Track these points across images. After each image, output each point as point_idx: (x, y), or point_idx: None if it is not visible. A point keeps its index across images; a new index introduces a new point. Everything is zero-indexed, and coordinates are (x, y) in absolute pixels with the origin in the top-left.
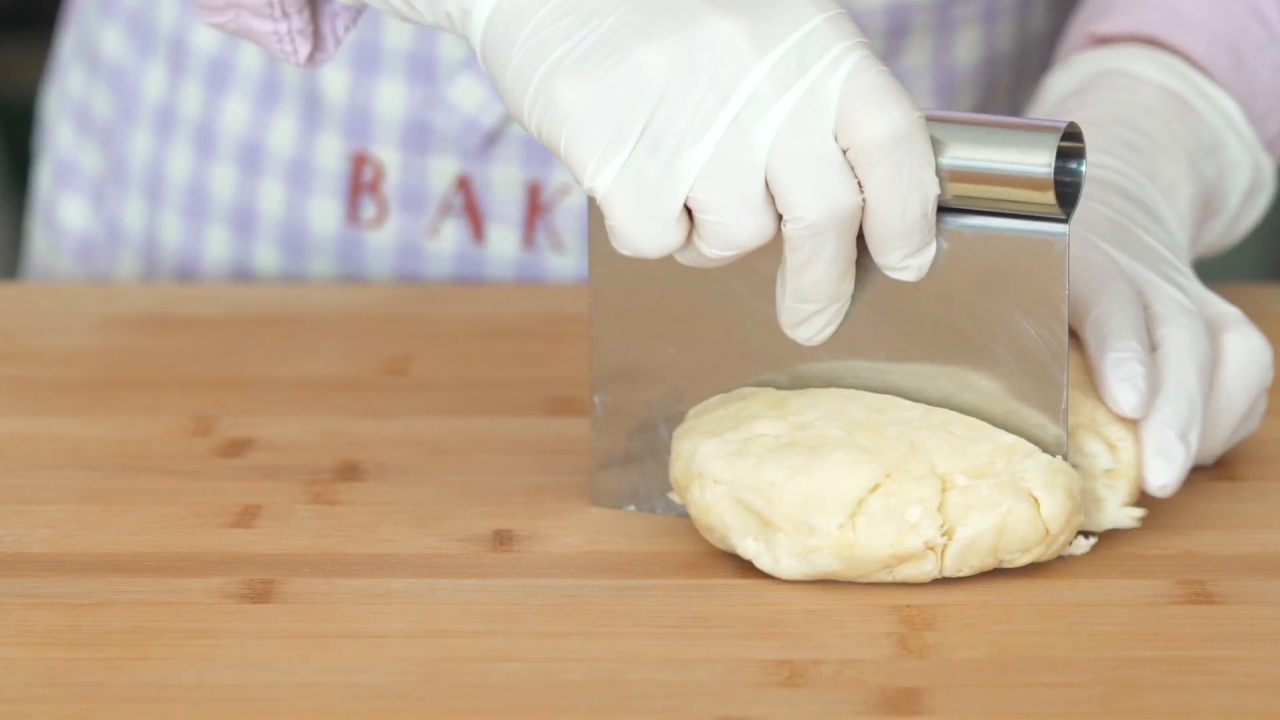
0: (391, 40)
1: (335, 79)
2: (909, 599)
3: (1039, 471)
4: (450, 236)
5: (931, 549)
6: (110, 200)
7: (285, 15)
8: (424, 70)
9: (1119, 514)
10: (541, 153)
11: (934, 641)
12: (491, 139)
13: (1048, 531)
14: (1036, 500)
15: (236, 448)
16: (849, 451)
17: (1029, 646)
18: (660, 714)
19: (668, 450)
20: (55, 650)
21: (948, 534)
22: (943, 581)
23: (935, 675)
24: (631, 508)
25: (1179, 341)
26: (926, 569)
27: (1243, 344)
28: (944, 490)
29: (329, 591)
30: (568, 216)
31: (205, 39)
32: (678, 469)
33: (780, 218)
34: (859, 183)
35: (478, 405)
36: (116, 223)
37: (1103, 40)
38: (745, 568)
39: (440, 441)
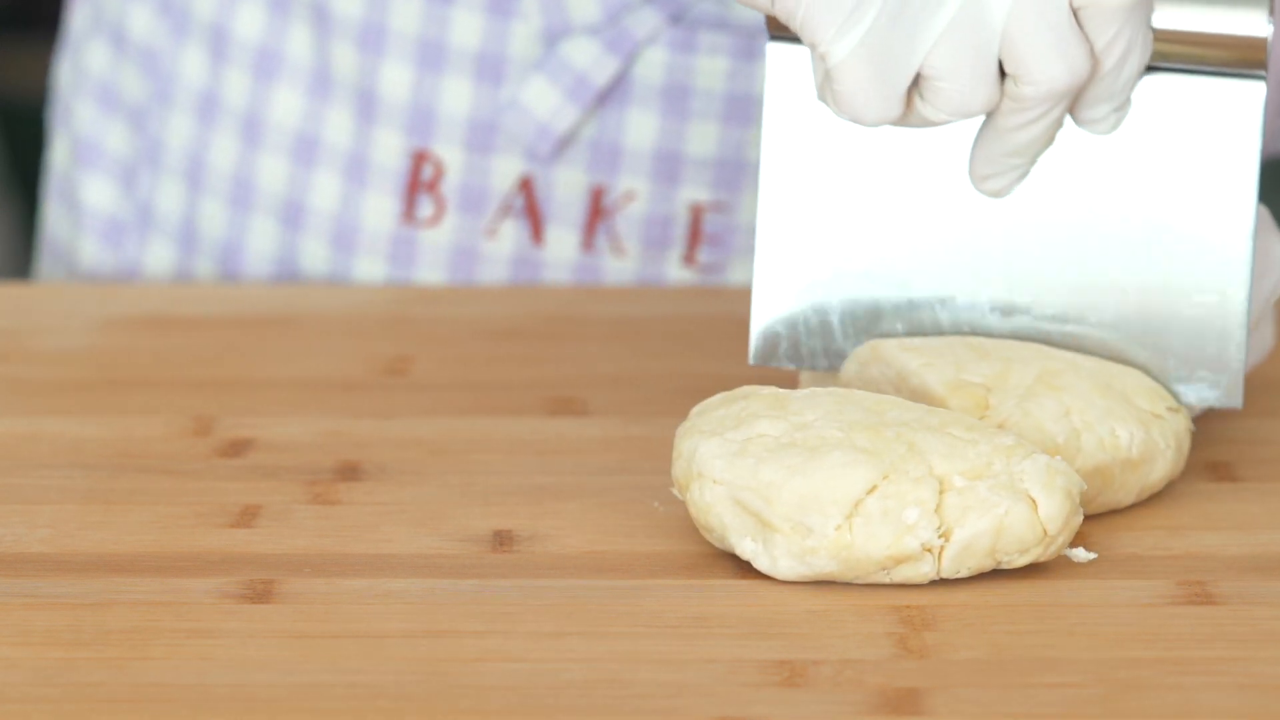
0: (459, 39)
1: (397, 75)
2: (909, 599)
3: (1037, 472)
4: (509, 237)
5: (929, 550)
6: (143, 183)
7: None
8: (492, 70)
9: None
10: (608, 157)
11: (934, 641)
12: (563, 144)
13: (1046, 532)
14: (1034, 501)
15: (236, 448)
16: (847, 452)
17: (1029, 646)
18: (660, 714)
19: (835, 315)
20: (55, 650)
21: (945, 535)
22: (943, 582)
23: (935, 675)
24: (791, 366)
25: None
26: (924, 570)
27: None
28: (941, 492)
29: (329, 591)
30: (630, 222)
31: (248, 27)
32: (679, 468)
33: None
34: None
35: (478, 405)
36: (150, 207)
37: None
38: (745, 568)
39: (440, 441)
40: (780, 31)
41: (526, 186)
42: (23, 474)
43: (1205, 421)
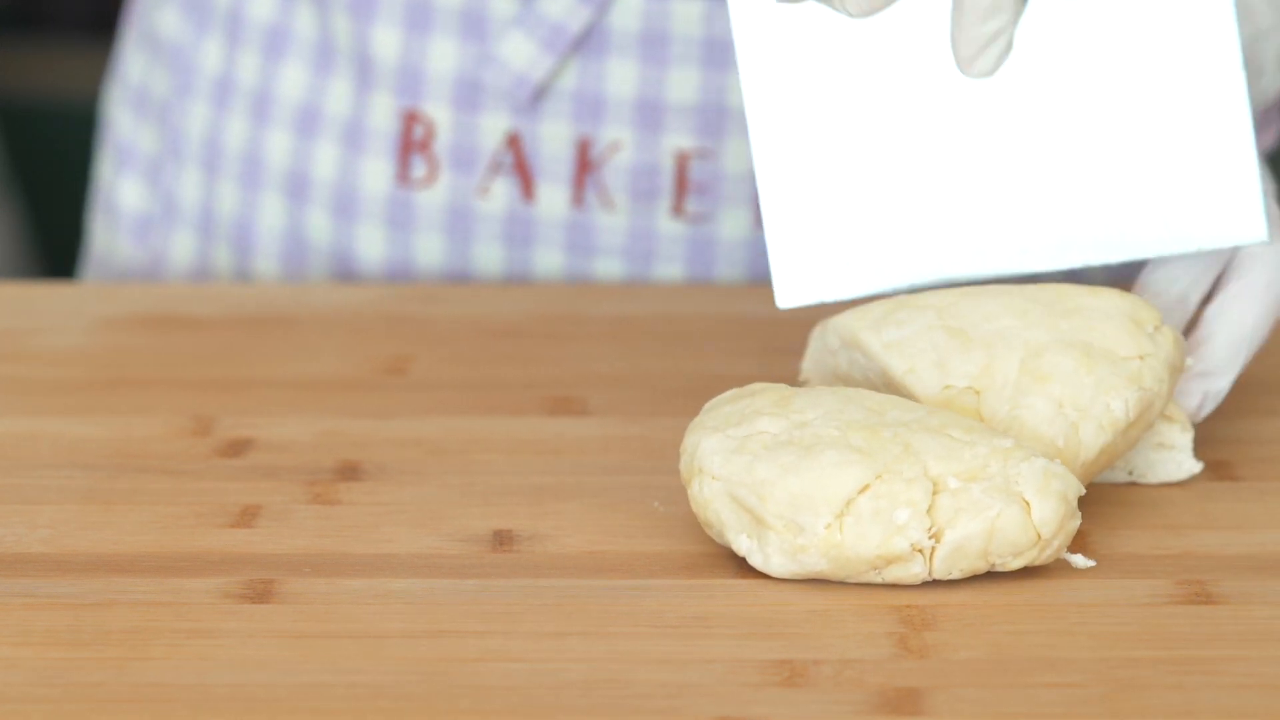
0: None
1: (387, 37)
2: (909, 599)
3: (1033, 475)
4: (500, 195)
5: (919, 551)
6: (167, 176)
7: None
8: (475, 27)
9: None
10: (591, 108)
11: (934, 641)
12: (540, 93)
13: (1039, 536)
14: (1028, 504)
15: (236, 448)
16: (841, 451)
17: (1029, 646)
18: (660, 714)
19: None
20: (55, 650)
21: (936, 536)
22: (943, 582)
23: (935, 675)
24: (817, 301)
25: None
26: (914, 571)
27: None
28: (934, 493)
29: (329, 591)
30: (617, 174)
31: (260, 9)
32: (683, 462)
33: None
34: None
35: (478, 405)
36: (173, 198)
37: None
38: (745, 568)
39: (440, 441)
40: None
41: (514, 143)
42: (23, 474)
43: (1205, 421)
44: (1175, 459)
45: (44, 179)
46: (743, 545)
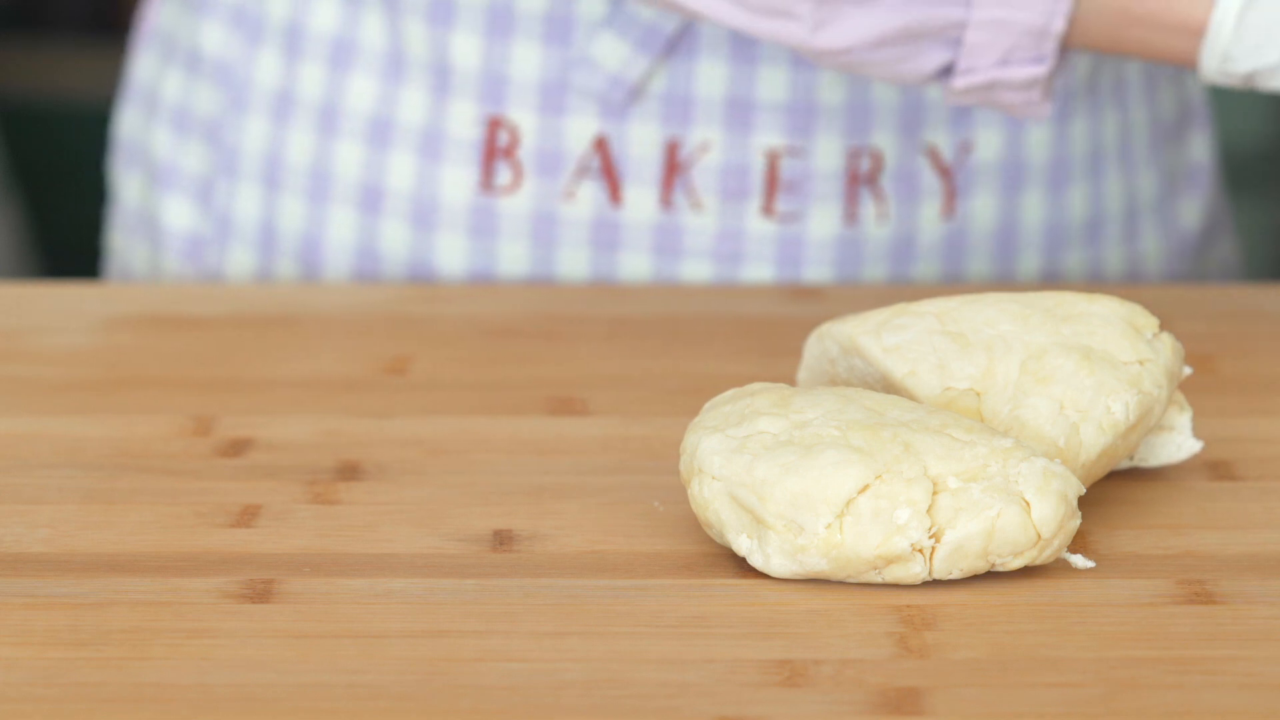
0: (526, 3)
1: (467, 45)
2: (909, 599)
3: (1033, 475)
4: (587, 199)
5: (919, 551)
6: (220, 194)
7: (1036, 84)
8: (560, 30)
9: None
10: (680, 110)
11: (934, 641)
12: (635, 94)
13: (1039, 536)
14: (1028, 504)
15: (236, 448)
16: (841, 451)
17: (1029, 646)
18: (660, 714)
19: None
20: (55, 650)
21: (936, 536)
22: (943, 581)
23: (935, 675)
24: None
25: None
26: (915, 571)
27: None
28: (934, 493)
29: (329, 591)
30: (707, 174)
31: (324, 20)
32: (683, 462)
33: None
34: None
35: (478, 405)
36: (228, 216)
37: None
38: (745, 568)
39: (440, 441)
40: None
41: (601, 146)
42: (23, 474)
43: (1206, 421)
44: (1175, 440)
45: (44, 179)
46: (743, 545)
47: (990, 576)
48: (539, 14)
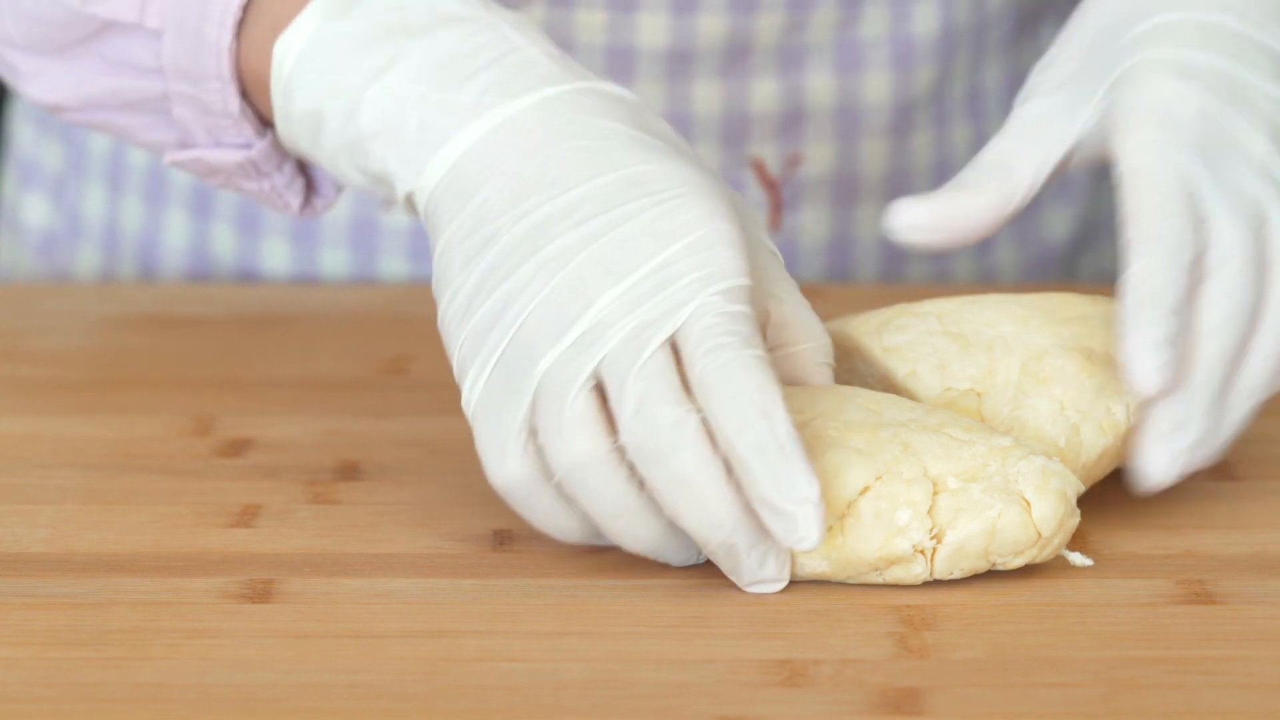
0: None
1: None
2: (909, 599)
3: (1032, 474)
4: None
5: (920, 552)
6: (71, 192)
7: (263, 174)
8: None
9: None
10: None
11: (934, 641)
12: None
13: (1040, 535)
14: (1029, 504)
15: (236, 448)
16: (841, 453)
17: (1029, 646)
18: (660, 714)
19: None
20: (55, 650)
21: (937, 537)
22: (943, 582)
23: (935, 675)
24: None
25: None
26: (916, 571)
27: None
28: (935, 493)
29: (329, 591)
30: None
31: None
32: None
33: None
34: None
35: None
36: (77, 214)
37: None
38: None
39: (440, 441)
40: None
41: None
42: (23, 474)
43: None
44: None
45: None
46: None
47: (990, 576)
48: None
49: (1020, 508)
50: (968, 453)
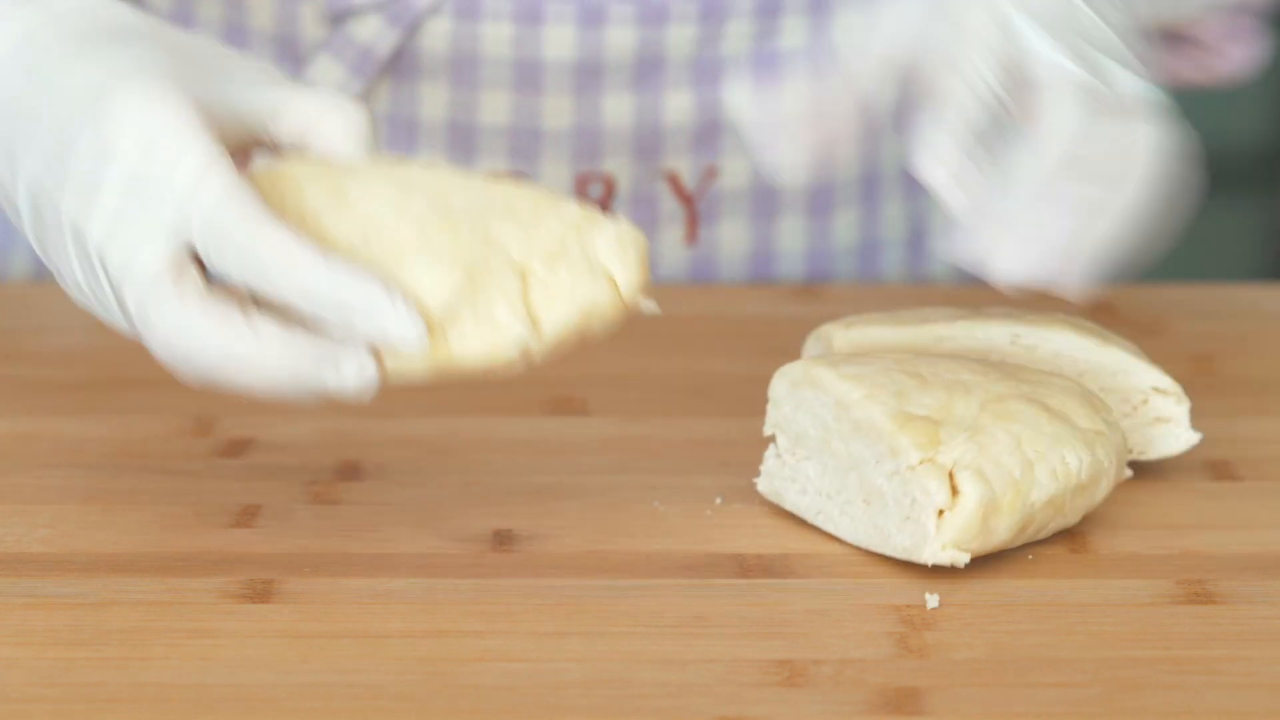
0: (255, 21)
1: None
2: (909, 599)
3: (609, 246)
4: None
5: (524, 349)
6: None
7: None
8: (290, 52)
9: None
10: (405, 133)
11: (934, 641)
12: None
13: (626, 306)
14: (614, 281)
15: (236, 448)
16: (427, 260)
17: (1029, 646)
18: (660, 714)
19: None
20: (55, 650)
21: (535, 327)
22: (942, 581)
23: (935, 675)
24: None
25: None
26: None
27: (1140, 133)
28: (525, 282)
29: (329, 591)
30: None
31: None
32: None
33: None
34: None
35: (478, 405)
36: None
37: None
38: (745, 568)
39: (440, 441)
40: None
41: None
42: (23, 474)
43: (1206, 421)
44: (1173, 432)
45: None
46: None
47: (991, 575)
48: (269, 34)
49: (607, 285)
50: (543, 231)
